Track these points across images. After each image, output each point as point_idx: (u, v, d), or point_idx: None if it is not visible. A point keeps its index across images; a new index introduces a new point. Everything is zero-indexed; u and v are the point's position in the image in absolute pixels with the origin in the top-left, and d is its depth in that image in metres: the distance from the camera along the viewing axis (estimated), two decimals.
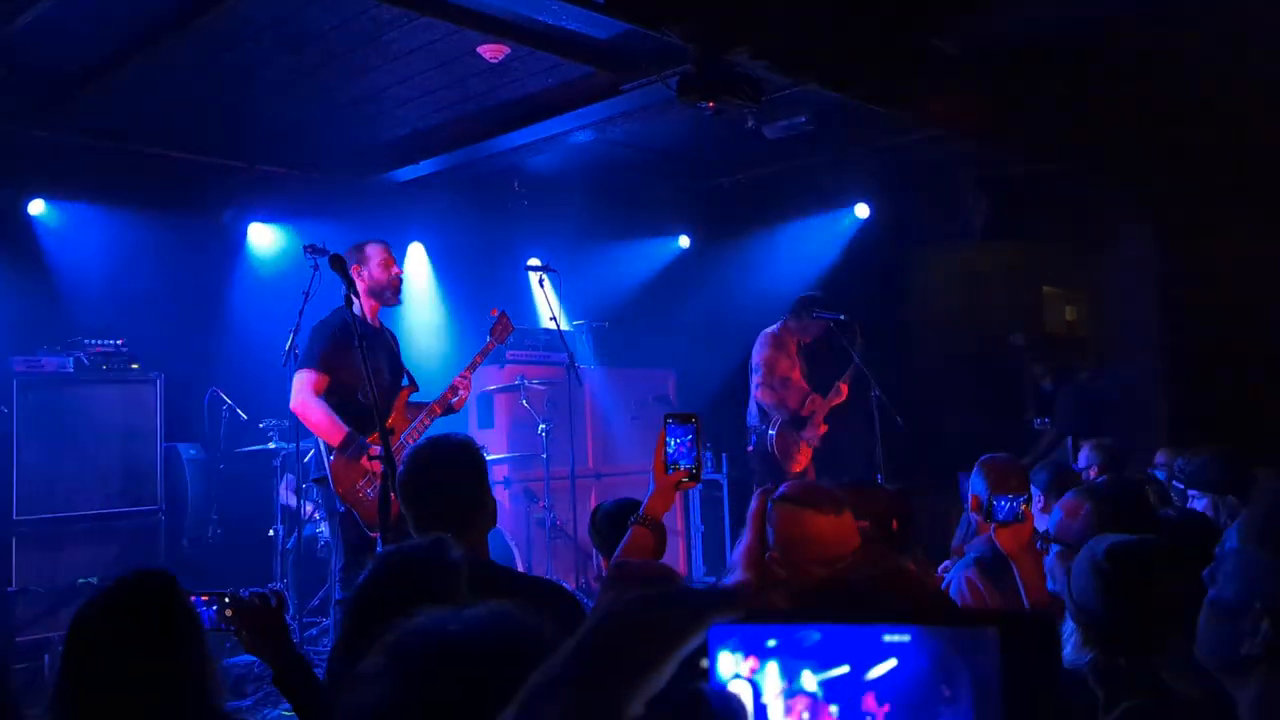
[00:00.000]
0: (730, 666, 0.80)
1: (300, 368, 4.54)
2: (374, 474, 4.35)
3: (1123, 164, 6.51)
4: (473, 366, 4.91)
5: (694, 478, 2.65)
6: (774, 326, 6.77)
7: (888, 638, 0.73)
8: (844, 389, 6.62)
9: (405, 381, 4.74)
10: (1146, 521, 2.92)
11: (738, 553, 2.52)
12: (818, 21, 4.52)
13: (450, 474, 2.58)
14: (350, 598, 2.04)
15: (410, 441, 4.52)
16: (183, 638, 1.98)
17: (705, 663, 0.80)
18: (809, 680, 0.77)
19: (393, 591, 1.88)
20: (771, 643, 0.79)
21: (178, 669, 1.94)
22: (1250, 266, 6.96)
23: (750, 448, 6.75)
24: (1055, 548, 3.17)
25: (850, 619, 0.76)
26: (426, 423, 4.69)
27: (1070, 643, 2.33)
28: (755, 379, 6.68)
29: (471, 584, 1.97)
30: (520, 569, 5.95)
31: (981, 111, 5.42)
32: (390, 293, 4.81)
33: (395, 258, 4.95)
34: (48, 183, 6.36)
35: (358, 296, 3.56)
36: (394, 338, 5.02)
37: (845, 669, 0.75)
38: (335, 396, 4.49)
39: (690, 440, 2.63)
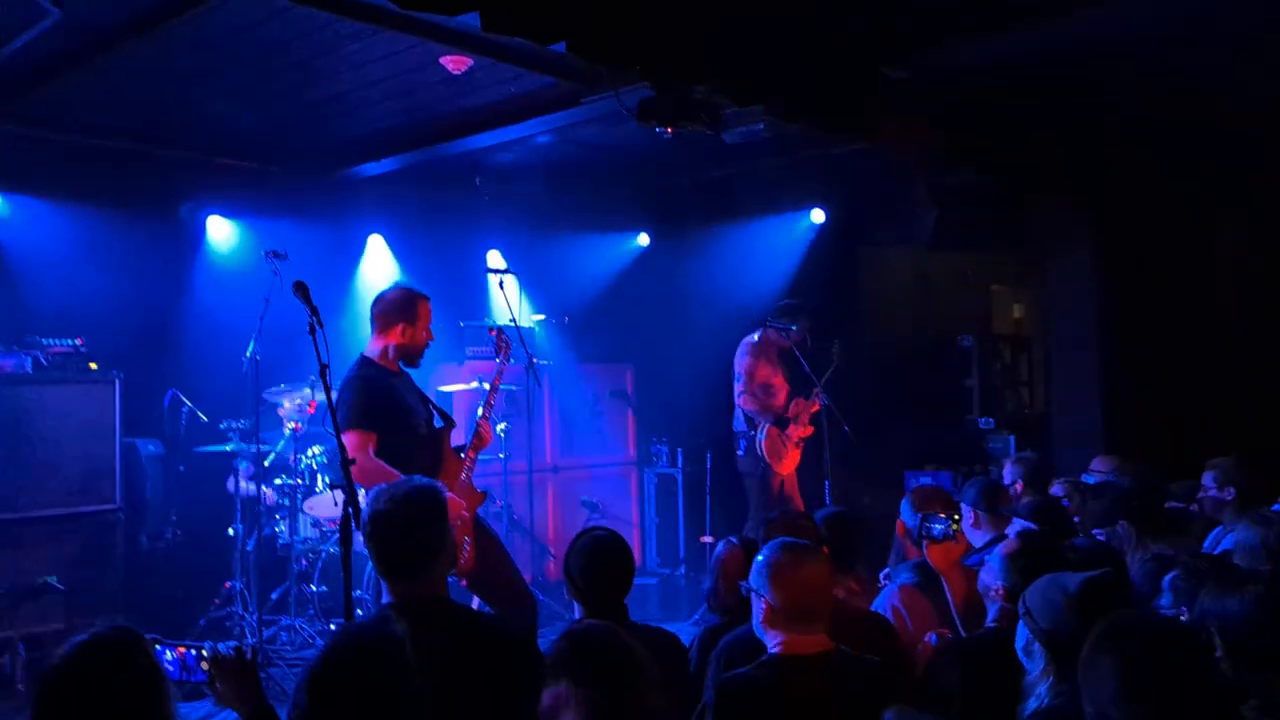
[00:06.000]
0: None
1: (348, 429, 4.07)
2: (462, 519, 4.19)
3: (1065, 177, 6.73)
4: (489, 405, 4.68)
5: None
6: (754, 334, 6.92)
7: None
8: (815, 404, 6.72)
9: (439, 422, 4.50)
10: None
11: None
12: (774, 57, 4.64)
13: (412, 520, 2.68)
14: (305, 677, 2.13)
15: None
16: (143, 700, 2.03)
17: None
18: None
19: (345, 669, 2.00)
20: None
21: None
22: (1184, 275, 7.25)
23: (740, 453, 6.88)
24: (987, 565, 3.36)
25: None
26: (479, 445, 4.54)
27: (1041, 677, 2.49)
28: (737, 387, 6.82)
29: (421, 641, 2.10)
30: None
31: (931, 135, 5.59)
32: (419, 357, 4.51)
33: None
34: (4, 176, 6.31)
35: (321, 325, 3.59)
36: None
37: None
38: (384, 451, 4.16)
39: None
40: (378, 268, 7.93)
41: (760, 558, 2.75)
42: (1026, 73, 5.40)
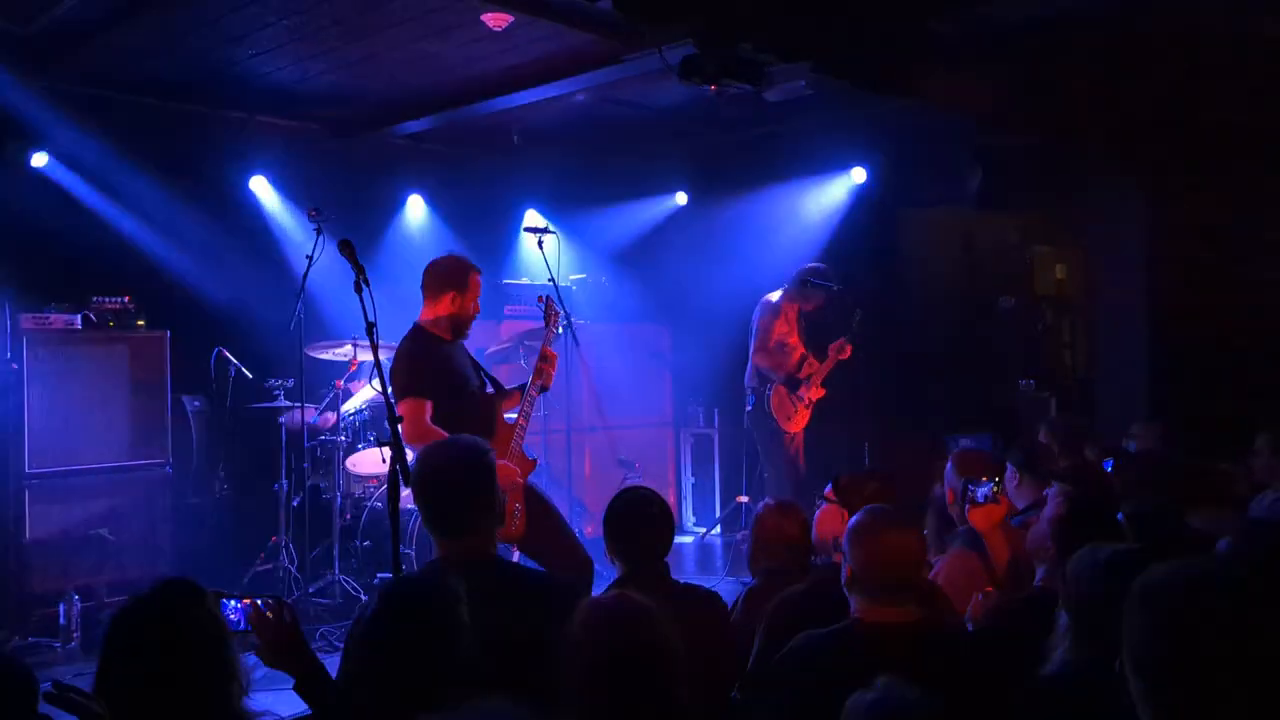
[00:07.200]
0: None
1: (404, 397, 4.12)
2: (516, 485, 4.19)
3: (1113, 134, 6.60)
4: (541, 374, 4.61)
5: None
6: (775, 293, 6.91)
7: None
8: (847, 349, 6.76)
9: (490, 388, 4.50)
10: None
11: None
12: (819, 13, 4.57)
13: (460, 479, 2.72)
14: (358, 633, 2.17)
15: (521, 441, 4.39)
16: (203, 648, 2.09)
17: None
18: None
19: (398, 624, 2.03)
20: None
21: (199, 677, 2.07)
22: (1237, 236, 7.10)
23: (749, 407, 6.95)
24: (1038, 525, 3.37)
25: None
26: (529, 412, 4.49)
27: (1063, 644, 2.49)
28: (754, 343, 6.86)
29: (473, 599, 2.13)
30: None
31: (979, 92, 5.49)
32: (467, 328, 4.49)
33: None
34: (51, 135, 6.36)
35: (367, 283, 3.62)
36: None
37: None
38: (437, 417, 4.17)
39: None
40: (417, 226, 7.97)
41: (850, 521, 2.74)
42: (1078, 28, 5.28)
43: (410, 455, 3.25)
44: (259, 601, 2.54)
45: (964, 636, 2.95)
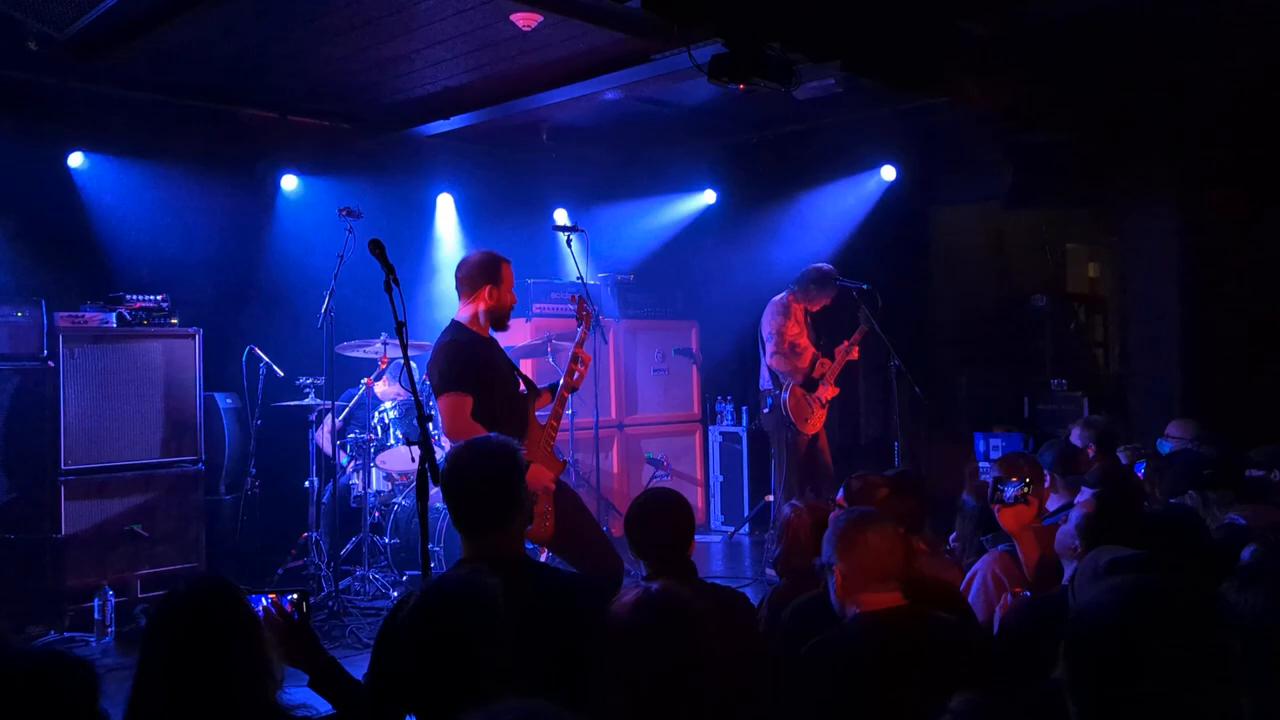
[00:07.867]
0: None
1: (445, 391, 4.12)
2: (548, 489, 4.18)
3: (1146, 131, 6.52)
4: (572, 375, 4.50)
5: None
6: (782, 295, 6.93)
7: None
8: (855, 350, 6.79)
9: (525, 389, 4.46)
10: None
11: None
12: (850, 11, 4.54)
13: (488, 478, 2.72)
14: (395, 631, 2.17)
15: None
16: (240, 644, 2.13)
17: None
18: None
19: (437, 623, 2.04)
20: None
21: (237, 673, 2.10)
22: (1265, 229, 7.00)
23: (765, 410, 6.98)
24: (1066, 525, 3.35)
25: None
26: (560, 413, 4.49)
27: None
28: (770, 347, 6.87)
29: (508, 602, 2.13)
30: None
31: (1010, 89, 5.43)
32: (507, 319, 4.44)
33: None
34: (86, 135, 6.46)
35: (397, 283, 3.63)
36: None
37: None
38: (476, 415, 4.13)
39: None
40: (446, 224, 8.01)
41: (829, 530, 2.75)
42: (1110, 27, 5.21)
43: (440, 452, 3.26)
44: (284, 598, 2.57)
45: (966, 624, 2.95)
